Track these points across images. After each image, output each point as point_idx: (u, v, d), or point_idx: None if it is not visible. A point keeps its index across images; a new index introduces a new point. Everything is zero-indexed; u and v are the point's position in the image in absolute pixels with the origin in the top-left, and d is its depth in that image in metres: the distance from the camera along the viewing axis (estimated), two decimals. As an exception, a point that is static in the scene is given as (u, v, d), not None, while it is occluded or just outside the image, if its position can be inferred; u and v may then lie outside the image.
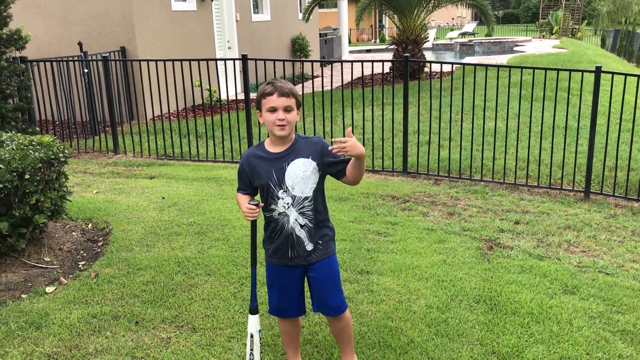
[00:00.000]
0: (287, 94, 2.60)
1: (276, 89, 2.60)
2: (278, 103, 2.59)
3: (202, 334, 3.26)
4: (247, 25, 13.94)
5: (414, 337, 3.27)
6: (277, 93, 2.59)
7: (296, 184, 2.65)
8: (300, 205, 2.67)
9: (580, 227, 5.39)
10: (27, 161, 3.91)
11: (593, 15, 43.22)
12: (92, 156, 8.22)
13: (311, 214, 2.69)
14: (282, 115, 2.59)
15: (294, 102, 2.62)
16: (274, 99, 2.59)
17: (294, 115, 2.63)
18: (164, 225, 4.89)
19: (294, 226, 2.69)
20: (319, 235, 2.73)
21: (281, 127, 2.60)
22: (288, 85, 2.63)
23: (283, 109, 2.59)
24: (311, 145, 2.68)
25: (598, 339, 3.33)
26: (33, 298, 3.67)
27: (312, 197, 2.68)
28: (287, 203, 2.67)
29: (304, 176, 2.65)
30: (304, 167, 2.65)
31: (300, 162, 2.65)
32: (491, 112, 9.19)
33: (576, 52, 17.97)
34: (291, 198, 2.66)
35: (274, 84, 2.62)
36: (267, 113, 2.62)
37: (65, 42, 10.39)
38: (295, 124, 2.66)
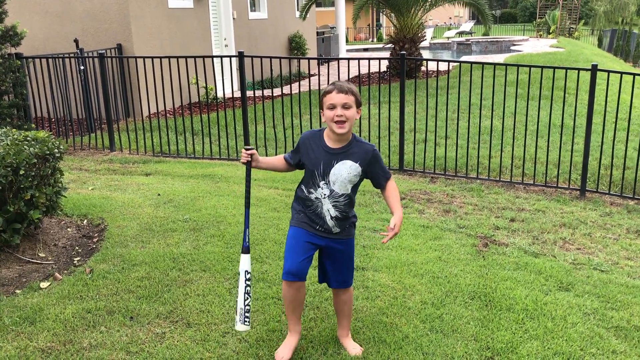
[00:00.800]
0: (345, 92, 2.78)
1: (335, 87, 2.80)
2: (336, 100, 2.77)
3: (197, 329, 3.26)
4: (243, 23, 13.93)
5: (409, 333, 3.27)
6: (336, 90, 2.78)
7: (338, 181, 2.87)
8: (336, 200, 2.90)
9: (576, 224, 5.40)
10: (21, 156, 3.90)
11: (590, 15, 43.32)
12: (88, 153, 8.21)
13: (343, 208, 2.92)
14: (340, 112, 2.77)
15: (352, 100, 2.80)
16: (333, 96, 2.79)
17: (353, 112, 2.80)
18: (159, 221, 4.89)
19: (326, 214, 2.92)
20: (346, 223, 2.98)
21: (339, 123, 2.78)
22: (348, 84, 2.82)
23: (341, 106, 2.77)
24: (363, 152, 2.88)
25: (592, 335, 3.34)
26: (27, 293, 3.66)
27: (348, 195, 2.91)
28: (324, 194, 2.89)
29: (347, 177, 2.86)
30: (349, 170, 2.86)
31: (348, 165, 2.86)
32: (487, 111, 9.21)
33: (573, 52, 18.01)
34: (329, 191, 2.88)
35: (335, 83, 2.83)
36: (327, 110, 2.81)
37: (61, 39, 10.36)
38: (353, 122, 2.83)
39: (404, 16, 14.42)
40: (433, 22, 46.12)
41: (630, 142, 7.63)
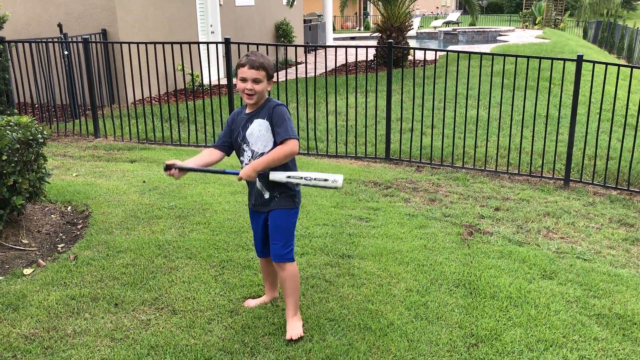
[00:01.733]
0: (257, 67, 2.92)
1: (248, 61, 2.93)
2: (248, 74, 2.93)
3: (182, 316, 3.25)
4: (230, 10, 13.81)
5: (394, 320, 3.29)
6: (248, 65, 2.93)
7: (254, 140, 3.01)
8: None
9: (560, 214, 5.46)
10: (4, 142, 3.85)
11: (576, 7, 43.54)
12: (72, 139, 8.12)
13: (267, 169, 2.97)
14: (250, 86, 2.94)
15: (263, 75, 2.95)
16: (245, 70, 2.94)
17: (263, 86, 2.97)
18: (144, 208, 4.86)
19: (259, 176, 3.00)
20: (277, 189, 3.05)
21: (248, 95, 2.97)
22: (261, 59, 2.95)
23: (252, 80, 2.94)
24: (268, 108, 3.00)
25: (574, 322, 3.38)
26: (10, 280, 3.62)
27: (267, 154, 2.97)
28: (248, 156, 3.04)
29: (259, 134, 2.99)
30: (260, 127, 2.99)
31: (258, 122, 3.00)
32: (473, 101, 9.24)
33: (558, 43, 18.10)
34: (251, 152, 3.03)
35: (249, 56, 2.96)
36: (239, 82, 2.97)
37: (44, 23, 10.21)
38: (264, 94, 3.00)
39: (391, 5, 14.39)
40: (420, 11, 46.07)
41: (614, 132, 7.71)
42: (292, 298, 3.16)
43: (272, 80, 3.03)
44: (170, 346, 2.97)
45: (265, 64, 2.96)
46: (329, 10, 20.29)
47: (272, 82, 3.04)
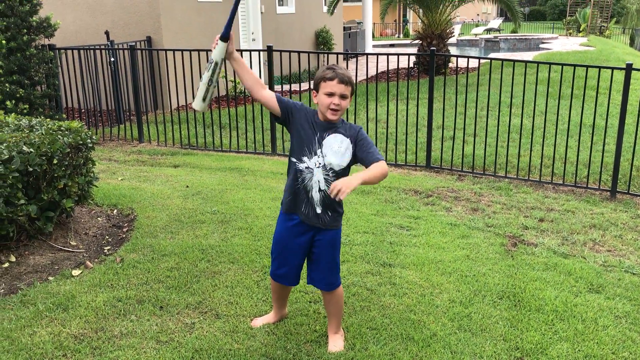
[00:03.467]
0: (346, 82, 2.77)
1: (337, 75, 2.76)
2: (336, 89, 2.76)
3: (226, 321, 3.29)
4: (271, 18, 13.95)
5: (437, 331, 3.26)
6: (337, 79, 2.76)
7: (330, 154, 2.83)
8: (327, 173, 2.86)
9: (606, 226, 5.32)
10: (56, 146, 3.96)
11: (622, 13, 42.46)
12: (117, 144, 8.31)
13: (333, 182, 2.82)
14: (337, 101, 2.78)
15: (350, 91, 2.81)
16: (333, 84, 2.76)
17: (347, 102, 2.83)
18: (188, 213, 4.93)
19: (314, 185, 2.87)
20: (330, 206, 2.90)
21: (334, 112, 2.80)
22: (348, 73, 2.80)
23: (339, 96, 2.78)
24: (351, 129, 2.88)
25: (624, 338, 3.29)
26: (60, 280, 3.72)
27: (340, 174, 2.85)
28: (317, 163, 2.86)
29: (338, 150, 2.83)
30: (340, 143, 2.84)
31: (340, 138, 2.84)
32: (517, 109, 9.10)
33: (604, 50, 17.69)
34: (323, 163, 2.85)
35: (335, 70, 2.79)
36: (324, 96, 2.79)
37: (92, 31, 10.50)
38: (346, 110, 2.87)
39: (432, 12, 14.32)
40: (460, 18, 45.67)
41: (664, 143, 7.48)
42: (338, 318, 3.11)
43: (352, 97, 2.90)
44: (214, 350, 3.00)
45: (352, 80, 2.83)
46: (368, 17, 20.30)
47: (351, 99, 2.90)
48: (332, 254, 2.98)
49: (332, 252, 2.98)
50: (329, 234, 2.96)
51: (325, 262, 2.98)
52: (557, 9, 52.54)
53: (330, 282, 3.00)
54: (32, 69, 7.65)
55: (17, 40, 7.47)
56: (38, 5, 7.78)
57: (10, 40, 7.45)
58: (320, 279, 3.00)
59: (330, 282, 3.00)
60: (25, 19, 7.57)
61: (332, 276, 3.00)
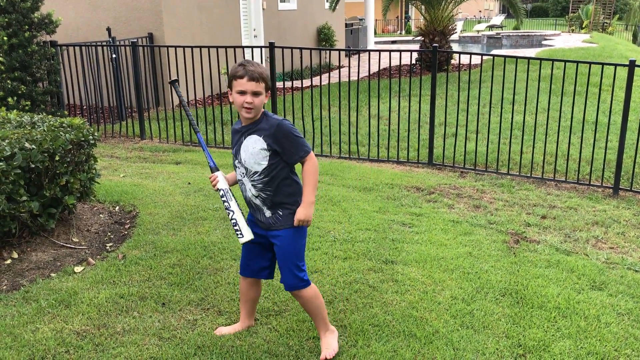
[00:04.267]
0: (257, 79, 2.70)
1: (247, 72, 2.69)
2: (247, 87, 2.70)
3: (228, 317, 3.29)
4: (273, 14, 13.93)
5: (439, 328, 3.25)
6: (247, 77, 2.69)
7: (247, 157, 2.80)
8: (252, 178, 2.82)
9: (609, 223, 5.31)
10: (58, 142, 3.96)
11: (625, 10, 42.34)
12: (119, 141, 8.31)
13: (263, 187, 2.81)
14: (249, 99, 2.71)
15: (262, 87, 2.73)
16: (243, 82, 2.70)
17: (262, 99, 2.74)
18: (190, 209, 4.93)
19: (249, 194, 2.86)
20: (278, 205, 2.82)
21: (247, 109, 2.73)
22: (259, 69, 2.72)
23: (251, 93, 2.71)
24: (268, 126, 2.77)
25: (627, 335, 3.29)
26: (62, 277, 3.72)
27: (262, 173, 2.79)
28: (242, 173, 2.85)
29: (252, 152, 2.77)
30: (254, 144, 2.77)
31: (254, 138, 2.77)
32: (519, 106, 9.08)
33: (607, 47, 17.63)
34: (245, 169, 2.83)
35: (246, 67, 2.71)
36: (236, 94, 2.74)
37: (94, 28, 10.49)
38: (262, 105, 2.77)
39: (434, 9, 14.29)
40: (463, 15, 45.57)
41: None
42: (318, 317, 2.98)
43: (269, 92, 2.82)
44: (217, 347, 3.00)
45: (264, 75, 2.73)
46: (370, 14, 20.26)
47: (269, 94, 2.81)
48: (288, 251, 2.85)
49: (285, 254, 2.85)
50: (282, 234, 2.83)
51: (281, 263, 2.88)
52: (560, 6, 52.42)
53: (289, 284, 2.88)
54: (34, 66, 7.65)
55: (18, 36, 7.46)
56: (40, 1, 7.77)
57: (12, 36, 7.44)
58: (283, 279, 2.90)
59: (289, 283, 2.88)
60: (27, 15, 7.56)
61: (290, 278, 2.86)
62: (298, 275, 2.87)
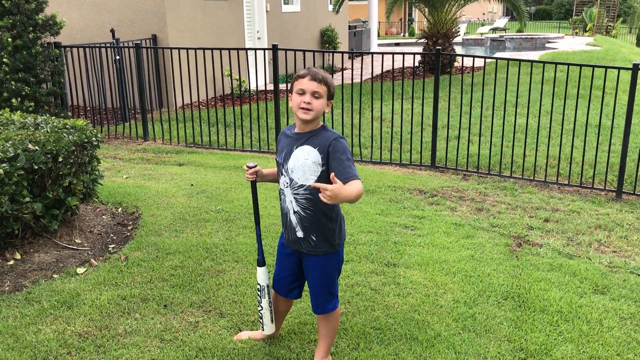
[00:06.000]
0: (319, 80, 2.58)
1: (309, 73, 2.60)
2: (307, 86, 2.58)
3: (230, 319, 3.29)
4: (276, 16, 13.95)
5: (441, 331, 3.25)
6: (309, 77, 2.59)
7: (296, 168, 2.63)
8: (295, 191, 2.66)
9: (612, 227, 5.30)
10: (61, 144, 3.97)
11: (629, 13, 42.29)
12: (122, 142, 8.33)
13: (305, 204, 2.65)
14: (308, 99, 2.58)
15: (324, 90, 2.60)
16: (305, 81, 2.59)
17: (321, 102, 2.60)
18: (192, 211, 4.94)
19: (289, 206, 2.70)
20: (314, 228, 2.67)
21: (305, 110, 2.58)
22: (323, 73, 2.62)
23: (311, 94, 2.58)
24: (323, 139, 2.61)
25: (629, 340, 3.28)
26: (64, 278, 3.73)
27: (309, 189, 2.62)
28: (285, 182, 2.69)
29: (304, 163, 2.61)
30: (307, 155, 2.61)
31: (307, 150, 2.61)
32: (522, 109, 9.07)
33: (610, 50, 17.61)
34: (289, 180, 2.67)
35: (310, 69, 2.63)
36: (295, 95, 2.62)
37: (98, 29, 10.52)
38: (322, 113, 2.63)
39: (438, 11, 14.29)
40: (466, 17, 45.56)
41: (670, 144, 7.45)
42: (328, 341, 2.86)
43: (332, 101, 2.69)
44: (218, 349, 3.01)
45: (327, 80, 2.61)
46: (374, 16, 20.27)
47: (331, 103, 2.69)
48: (319, 281, 2.75)
49: (318, 278, 2.75)
50: (314, 260, 2.74)
51: (312, 287, 2.79)
52: (564, 8, 52.34)
53: (318, 305, 2.79)
54: (38, 67, 7.67)
55: (23, 38, 7.48)
56: (44, 3, 7.79)
57: (16, 38, 7.47)
58: (311, 299, 2.84)
59: (318, 305, 2.79)
60: (31, 16, 7.58)
61: (321, 300, 2.78)
62: (329, 300, 2.78)
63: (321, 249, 2.70)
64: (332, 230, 2.70)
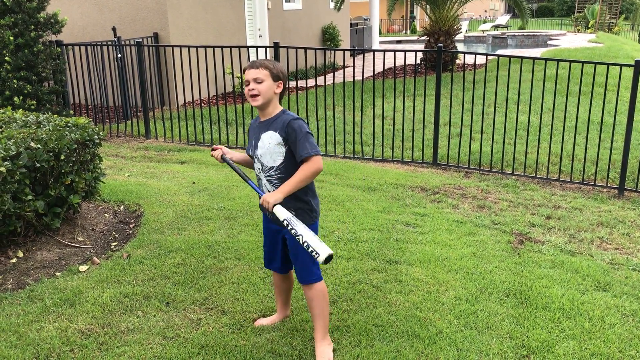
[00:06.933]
0: (257, 66, 2.79)
1: (249, 63, 2.83)
2: (248, 76, 2.80)
3: (232, 317, 3.30)
4: (278, 14, 13.94)
5: (443, 328, 3.25)
6: (248, 67, 2.82)
7: (264, 152, 2.84)
8: (267, 174, 2.87)
9: (614, 224, 5.29)
10: (63, 142, 3.98)
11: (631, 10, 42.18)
12: (124, 140, 8.34)
13: (278, 183, 2.84)
14: (252, 86, 2.78)
15: (265, 74, 2.78)
16: (246, 73, 2.82)
17: (266, 85, 2.78)
18: (194, 209, 4.94)
19: (265, 189, 2.91)
20: (291, 204, 2.81)
21: (252, 97, 2.79)
22: (265, 60, 2.83)
23: (253, 80, 2.78)
24: (283, 122, 2.81)
25: (631, 337, 3.28)
26: (67, 276, 3.74)
27: (278, 169, 2.83)
28: (258, 168, 2.91)
29: (269, 147, 2.82)
30: (270, 139, 2.82)
31: (269, 134, 2.82)
32: (524, 106, 9.06)
33: (612, 47, 17.58)
34: (261, 164, 2.88)
35: (251, 60, 2.86)
36: (245, 88, 2.82)
37: (99, 27, 10.52)
38: (271, 96, 2.81)
39: (439, 8, 14.27)
40: (468, 14, 45.48)
41: (672, 141, 7.44)
42: (321, 320, 2.95)
43: (281, 82, 2.83)
44: (220, 346, 3.01)
45: (266, 64, 2.79)
46: (375, 13, 20.24)
47: (281, 84, 2.83)
48: (299, 251, 2.89)
49: (299, 249, 2.86)
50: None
51: (297, 259, 2.93)
52: (566, 5, 52.25)
53: (302, 277, 2.93)
54: (40, 65, 7.67)
55: (24, 36, 7.49)
56: (45, 1, 7.80)
57: (18, 36, 7.48)
58: (297, 272, 2.97)
59: (302, 277, 2.93)
60: (33, 15, 7.59)
61: (304, 271, 2.92)
62: (314, 268, 2.92)
63: (302, 219, 2.81)
64: (308, 202, 2.90)
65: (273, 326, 3.21)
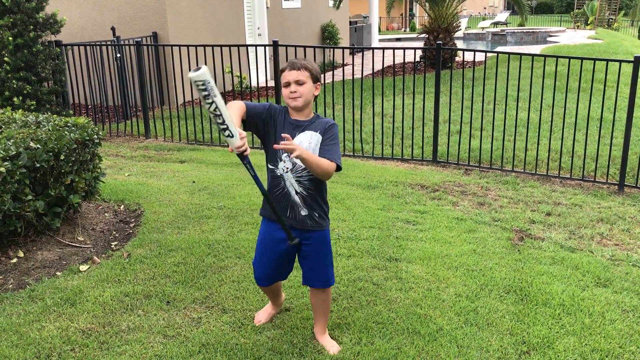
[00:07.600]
0: (298, 68, 2.73)
1: (289, 64, 2.75)
2: (289, 77, 2.74)
3: (232, 315, 3.30)
4: (277, 12, 13.93)
5: (443, 325, 3.26)
6: (288, 68, 2.75)
7: None
8: (299, 174, 2.80)
9: (614, 220, 5.29)
10: (62, 142, 3.98)
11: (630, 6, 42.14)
12: (124, 140, 8.34)
13: (308, 184, 2.81)
14: (293, 88, 2.73)
15: (306, 76, 2.75)
16: (286, 74, 2.75)
17: (307, 87, 2.75)
18: (194, 208, 4.95)
19: (290, 190, 2.83)
20: (315, 206, 2.85)
21: (293, 98, 2.74)
22: (303, 61, 2.78)
23: (294, 82, 2.73)
24: (322, 123, 2.81)
25: (631, 332, 3.28)
26: (67, 276, 3.74)
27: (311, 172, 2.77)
28: (286, 167, 2.81)
29: (308, 147, 2.74)
30: (310, 139, 2.77)
31: (309, 134, 2.78)
32: (524, 103, 9.06)
33: (612, 43, 17.55)
34: (292, 164, 2.79)
35: (290, 61, 2.77)
36: (284, 88, 2.77)
37: (98, 27, 10.52)
38: (311, 98, 2.77)
39: (438, 6, 14.26)
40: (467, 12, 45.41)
41: (672, 136, 7.43)
42: (325, 316, 3.09)
43: (319, 83, 2.82)
44: (221, 345, 3.02)
45: (308, 65, 2.76)
46: (374, 11, 20.23)
47: (319, 86, 2.82)
48: (325, 251, 2.94)
49: (324, 248, 2.93)
50: (317, 235, 2.89)
51: (318, 262, 2.92)
52: (565, 2, 52.20)
53: (327, 279, 2.96)
54: (39, 66, 7.68)
55: (23, 36, 7.49)
56: (44, 1, 7.80)
57: (17, 36, 7.47)
58: (316, 277, 2.94)
59: (327, 278, 2.96)
60: (32, 15, 7.59)
61: (329, 272, 2.96)
62: (331, 273, 2.98)
63: (323, 224, 2.89)
64: (327, 205, 2.94)
65: (273, 324, 3.22)
